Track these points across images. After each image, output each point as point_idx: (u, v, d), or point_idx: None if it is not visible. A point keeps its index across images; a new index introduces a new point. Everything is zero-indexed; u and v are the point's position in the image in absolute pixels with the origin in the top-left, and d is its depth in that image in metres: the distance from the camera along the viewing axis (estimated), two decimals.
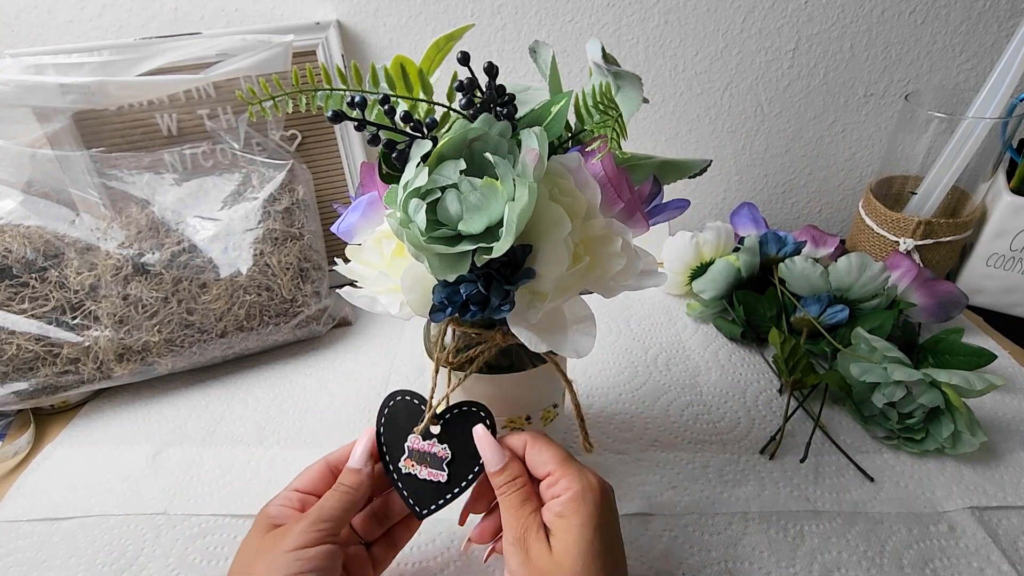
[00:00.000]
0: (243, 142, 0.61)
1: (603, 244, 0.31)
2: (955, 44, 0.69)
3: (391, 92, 0.32)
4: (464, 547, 0.41)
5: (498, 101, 0.31)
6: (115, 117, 0.60)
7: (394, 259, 0.33)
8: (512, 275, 0.30)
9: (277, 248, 0.58)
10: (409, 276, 0.32)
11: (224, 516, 0.45)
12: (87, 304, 0.52)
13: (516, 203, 0.27)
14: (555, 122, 0.31)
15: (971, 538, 0.42)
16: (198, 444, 0.51)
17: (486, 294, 0.29)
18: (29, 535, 0.44)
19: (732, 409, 0.54)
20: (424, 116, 0.32)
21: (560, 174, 0.30)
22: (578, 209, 0.30)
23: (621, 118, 0.30)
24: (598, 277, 0.32)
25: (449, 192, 0.28)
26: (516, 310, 0.30)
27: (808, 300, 0.59)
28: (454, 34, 0.33)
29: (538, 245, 0.30)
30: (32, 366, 0.51)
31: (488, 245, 0.27)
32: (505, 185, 0.28)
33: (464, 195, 0.28)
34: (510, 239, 0.27)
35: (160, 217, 0.57)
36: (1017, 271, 0.63)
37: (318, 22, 0.63)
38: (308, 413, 0.55)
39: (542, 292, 0.30)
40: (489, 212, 0.28)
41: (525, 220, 0.28)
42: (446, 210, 0.28)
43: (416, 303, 0.32)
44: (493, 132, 0.29)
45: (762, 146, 0.77)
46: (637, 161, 0.35)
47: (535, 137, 0.28)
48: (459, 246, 0.28)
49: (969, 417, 0.46)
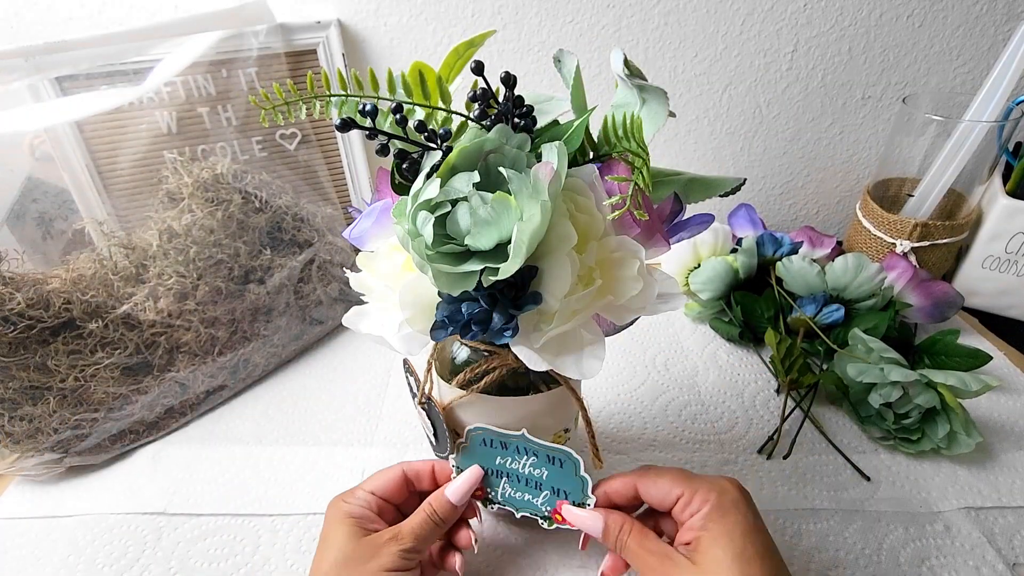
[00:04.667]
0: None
1: (618, 267, 0.29)
2: (952, 48, 0.69)
3: (408, 100, 0.30)
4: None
5: (515, 112, 0.29)
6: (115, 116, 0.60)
7: (403, 272, 0.32)
8: (517, 297, 0.28)
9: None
10: (410, 292, 0.30)
11: (224, 516, 0.45)
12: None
13: (527, 223, 0.25)
14: (573, 138, 0.30)
15: (967, 537, 0.42)
16: (198, 444, 0.51)
17: (490, 314, 0.28)
18: (27, 532, 0.44)
19: (730, 409, 0.54)
20: (440, 126, 0.31)
21: (579, 190, 0.29)
22: (596, 229, 0.28)
23: (647, 165, 0.27)
24: (610, 302, 0.29)
25: (460, 206, 0.27)
26: (521, 333, 0.29)
27: (804, 300, 0.59)
28: (474, 40, 0.31)
29: (544, 265, 0.28)
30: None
31: (495, 266, 0.26)
32: (519, 201, 0.26)
33: (474, 209, 0.26)
34: (518, 260, 0.26)
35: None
36: (1012, 273, 0.63)
37: (319, 21, 0.63)
38: (308, 413, 0.55)
39: (547, 314, 0.29)
40: (500, 228, 0.26)
41: (536, 241, 0.26)
42: (456, 224, 0.27)
43: (415, 320, 0.30)
44: (511, 145, 0.28)
45: (760, 147, 0.77)
46: (662, 177, 0.34)
47: (555, 151, 0.27)
48: (467, 264, 0.27)
49: (965, 418, 0.47)
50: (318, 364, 0.61)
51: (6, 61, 0.53)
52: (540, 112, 0.32)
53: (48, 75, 0.55)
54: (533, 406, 0.37)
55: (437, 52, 0.66)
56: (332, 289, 0.63)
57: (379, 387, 0.57)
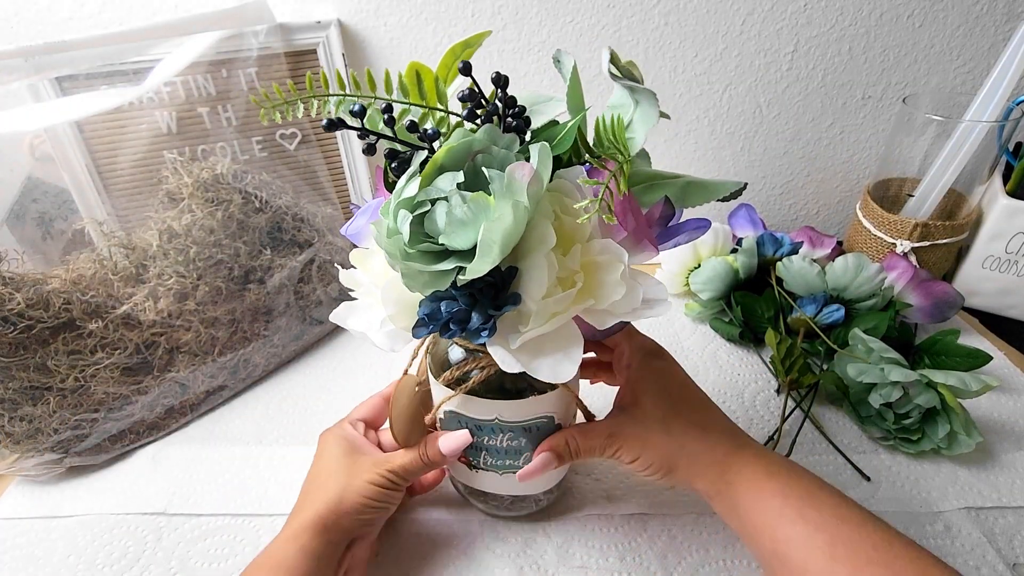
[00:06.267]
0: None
1: (602, 270, 0.29)
2: (952, 47, 0.69)
3: (405, 100, 0.30)
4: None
5: (507, 113, 0.29)
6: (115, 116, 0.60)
7: (389, 270, 0.31)
8: (496, 298, 0.28)
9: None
10: (393, 289, 0.30)
11: (224, 516, 0.45)
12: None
13: (495, 222, 0.25)
14: (564, 140, 0.30)
15: (967, 538, 0.42)
16: (198, 444, 0.51)
17: (468, 314, 0.28)
18: (27, 532, 0.44)
19: (730, 409, 0.54)
20: (436, 126, 0.31)
21: (566, 192, 0.29)
22: (581, 232, 0.28)
23: (628, 163, 0.28)
24: (592, 305, 0.29)
25: (439, 204, 0.27)
26: (500, 333, 0.29)
27: (805, 300, 0.59)
28: (471, 41, 0.31)
29: (524, 266, 0.28)
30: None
31: (466, 265, 0.26)
32: (498, 201, 0.26)
33: (451, 209, 0.26)
34: (487, 260, 0.25)
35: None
36: (1012, 273, 0.63)
37: (319, 21, 0.63)
38: (308, 413, 0.55)
39: (526, 315, 0.29)
40: (477, 228, 0.26)
41: (510, 242, 0.26)
42: (433, 223, 0.27)
43: (397, 317, 0.31)
44: (499, 145, 0.28)
45: (760, 148, 0.77)
46: (659, 180, 0.33)
47: (537, 152, 0.27)
48: (444, 263, 0.27)
49: (965, 418, 0.47)
50: (318, 364, 0.61)
51: (6, 61, 0.53)
52: (537, 112, 0.32)
53: (48, 75, 0.55)
54: (530, 409, 0.36)
55: (437, 52, 0.66)
56: (332, 289, 0.63)
57: (379, 387, 0.57)
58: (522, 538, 0.42)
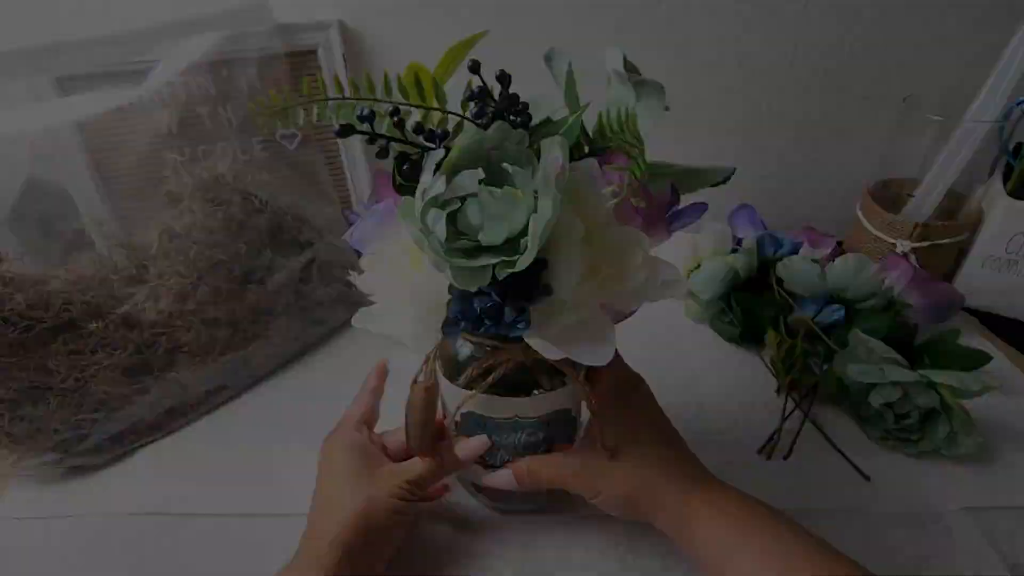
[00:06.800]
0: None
1: (623, 255, 0.30)
2: (953, 48, 0.69)
3: (404, 102, 0.31)
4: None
5: (511, 110, 0.30)
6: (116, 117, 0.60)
7: (412, 271, 0.32)
8: (527, 290, 0.29)
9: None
10: (421, 290, 0.30)
11: (224, 516, 0.45)
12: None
13: (540, 215, 0.26)
14: (568, 133, 0.30)
15: (967, 538, 0.42)
16: (198, 444, 0.51)
17: (501, 308, 0.28)
18: (27, 532, 0.44)
19: (730, 410, 0.54)
20: (437, 126, 0.31)
21: (581, 183, 0.29)
22: (599, 220, 0.29)
23: (643, 154, 0.29)
24: (619, 289, 0.30)
25: (471, 201, 0.27)
26: (532, 325, 0.30)
27: (805, 300, 0.59)
28: (468, 41, 0.32)
29: (553, 257, 0.29)
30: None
31: (511, 259, 0.27)
32: (525, 195, 0.27)
33: (484, 205, 0.27)
34: (534, 252, 0.26)
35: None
36: (1013, 274, 0.63)
37: (319, 21, 0.63)
38: (308, 413, 0.54)
39: (557, 304, 0.29)
40: (509, 222, 0.27)
41: (548, 233, 0.27)
42: (467, 220, 0.27)
43: (427, 317, 0.31)
44: (511, 142, 0.28)
45: (761, 148, 0.77)
46: (657, 170, 0.34)
47: (558, 146, 0.28)
48: (480, 259, 0.27)
49: (965, 418, 0.47)
50: (319, 364, 0.61)
51: (6, 61, 0.53)
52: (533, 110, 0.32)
53: (48, 75, 0.55)
54: (549, 403, 0.37)
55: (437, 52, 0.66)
56: (333, 289, 0.63)
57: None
58: (523, 538, 0.42)
